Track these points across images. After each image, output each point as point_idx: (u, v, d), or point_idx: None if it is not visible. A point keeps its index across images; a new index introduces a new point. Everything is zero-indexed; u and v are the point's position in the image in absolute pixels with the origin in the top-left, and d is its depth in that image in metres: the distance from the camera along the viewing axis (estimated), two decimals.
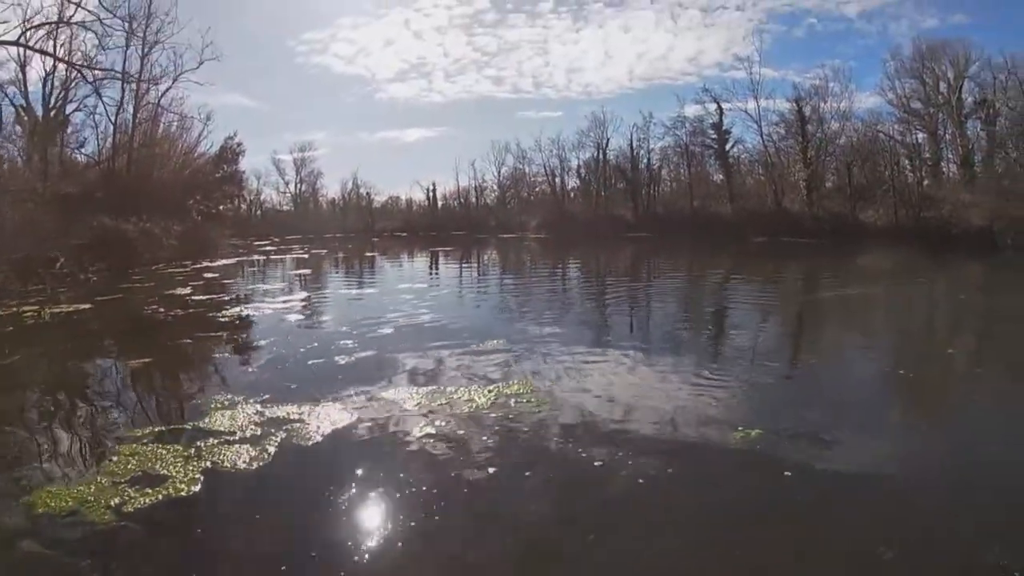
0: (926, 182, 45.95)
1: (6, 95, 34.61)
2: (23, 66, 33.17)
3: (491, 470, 5.38)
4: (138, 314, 14.07)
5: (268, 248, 46.20)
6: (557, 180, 71.88)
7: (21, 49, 31.05)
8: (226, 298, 15.88)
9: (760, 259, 32.65)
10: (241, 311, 13.56)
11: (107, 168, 35.98)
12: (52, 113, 36.20)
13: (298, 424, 6.28)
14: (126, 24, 34.11)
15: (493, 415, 6.71)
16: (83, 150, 37.58)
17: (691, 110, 59.47)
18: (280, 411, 6.64)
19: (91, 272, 24.38)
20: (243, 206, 79.86)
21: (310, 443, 5.87)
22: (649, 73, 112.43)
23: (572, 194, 71.25)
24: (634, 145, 63.60)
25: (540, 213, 66.20)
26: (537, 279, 22.85)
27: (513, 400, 7.15)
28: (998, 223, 34.53)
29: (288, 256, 39.09)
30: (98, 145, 37.91)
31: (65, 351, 10.93)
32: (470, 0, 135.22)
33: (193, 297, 16.28)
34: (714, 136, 58.13)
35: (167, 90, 38.18)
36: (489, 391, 7.44)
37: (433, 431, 6.23)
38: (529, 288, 19.64)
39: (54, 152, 34.07)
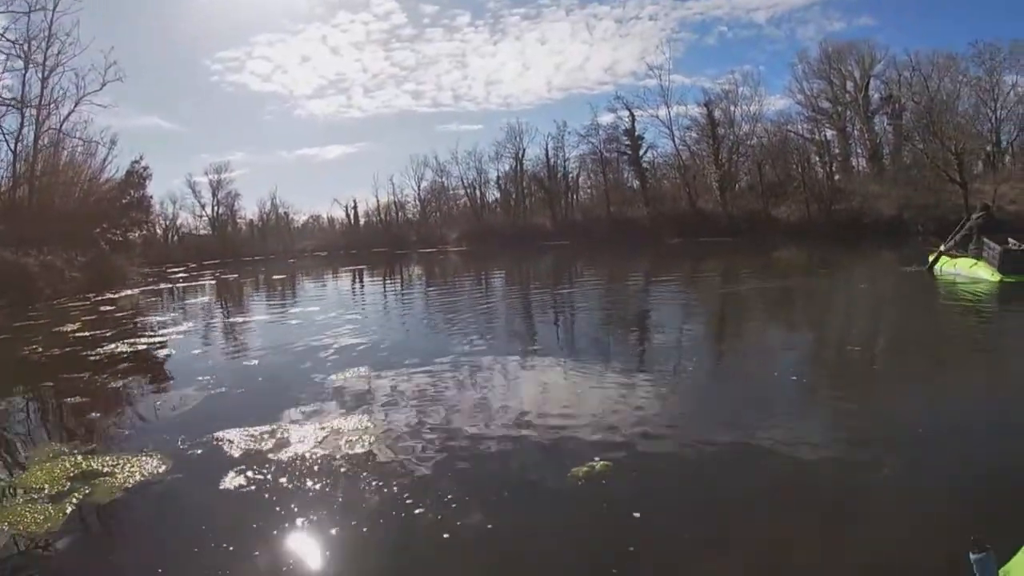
0: (837, 177, 47.91)
1: None
2: None
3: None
4: (13, 356, 13.84)
5: (180, 275, 45.17)
6: (476, 192, 72.40)
7: None
8: (109, 333, 15.60)
9: (676, 260, 33.23)
10: (117, 348, 13.50)
11: (7, 199, 34.83)
12: None
13: (105, 478, 5.84)
14: (23, 46, 33.71)
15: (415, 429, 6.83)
16: None
17: (605, 118, 60.58)
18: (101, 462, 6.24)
19: None
20: (159, 231, 78.56)
21: (108, 501, 5.41)
22: (567, 83, 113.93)
23: (493, 206, 71.86)
24: (550, 154, 64.56)
25: (459, 226, 66.55)
26: (456, 293, 22.82)
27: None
28: (908, 211, 36.30)
29: (197, 283, 38.31)
30: None
31: None
32: (387, 15, 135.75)
33: (77, 334, 16.06)
34: (627, 143, 59.34)
35: (69, 114, 37.51)
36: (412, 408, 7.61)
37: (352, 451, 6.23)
38: (449, 302, 19.68)
39: None
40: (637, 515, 4.64)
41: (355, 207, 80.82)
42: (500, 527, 4.65)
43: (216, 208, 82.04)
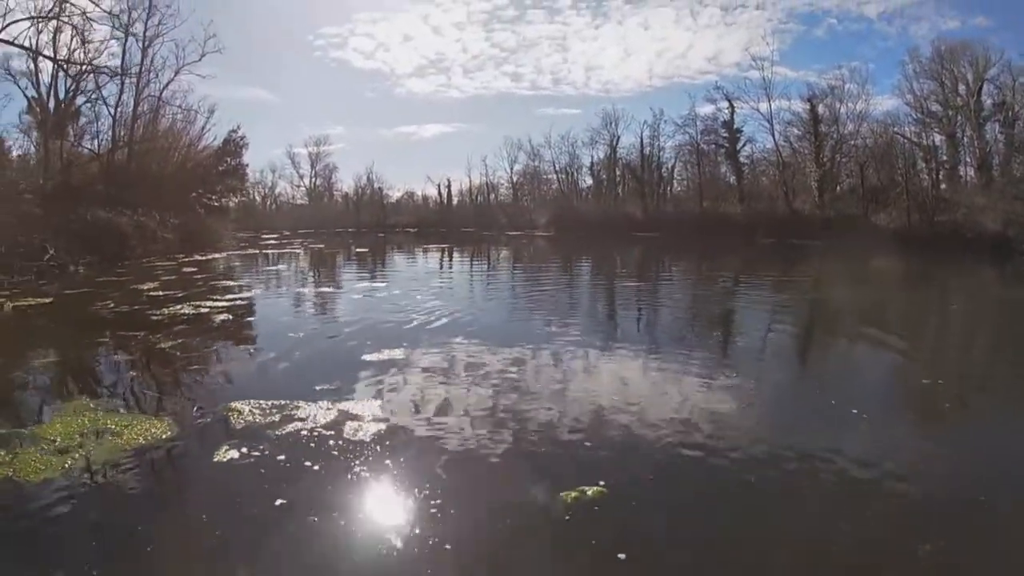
0: (943, 186, 45.16)
1: (19, 87, 35.39)
2: (35, 58, 33.60)
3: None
4: (84, 311, 14.14)
5: (271, 242, 46.36)
6: (565, 177, 71.83)
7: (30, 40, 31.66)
8: (180, 294, 15.81)
9: (768, 260, 32.00)
10: (181, 309, 13.52)
11: (107, 161, 36.23)
12: (63, 106, 36.83)
13: (113, 437, 5.94)
14: (124, 17, 34.79)
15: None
16: (88, 144, 37.74)
17: (704, 109, 58.62)
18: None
19: (81, 264, 24.67)
20: (258, 199, 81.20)
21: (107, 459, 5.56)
22: (669, 71, 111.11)
23: (585, 193, 70.99)
24: (644, 143, 63.02)
25: (549, 211, 65.77)
26: (540, 278, 22.60)
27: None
28: (1012, 228, 33.76)
29: (284, 251, 39.17)
30: (98, 139, 38.01)
31: None
32: None
33: (151, 293, 16.32)
34: (725, 135, 57.47)
35: (169, 83, 38.63)
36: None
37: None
38: (532, 286, 19.73)
39: (57, 145, 34.52)
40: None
41: (448, 186, 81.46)
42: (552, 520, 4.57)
43: (314, 179, 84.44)
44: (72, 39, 32.92)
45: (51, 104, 36.06)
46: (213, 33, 38.87)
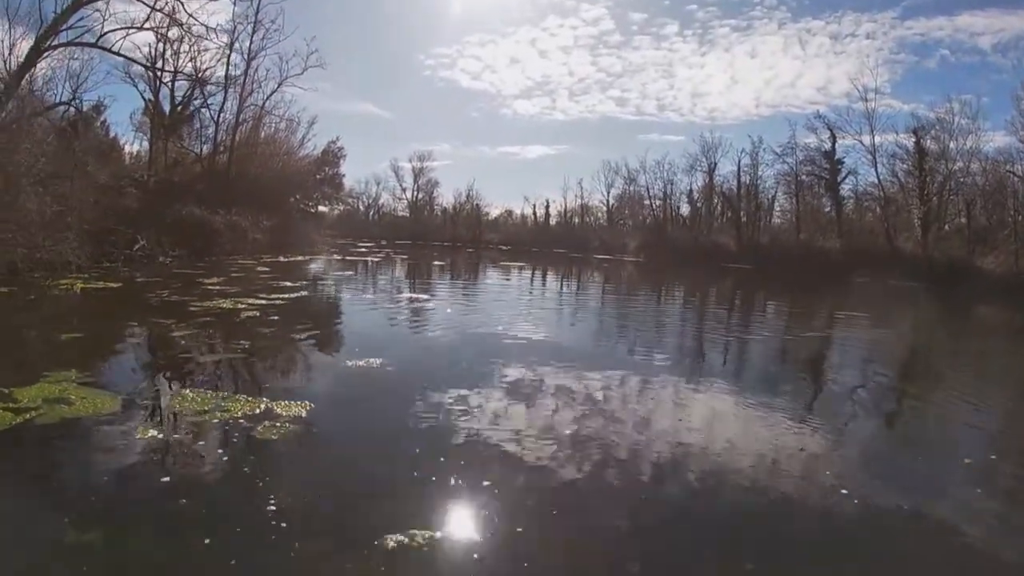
0: None
1: (138, 90, 37.93)
2: (156, 61, 35.91)
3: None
4: (139, 298, 14.96)
5: (361, 249, 47.70)
6: (662, 203, 70.70)
7: (156, 46, 34.30)
8: (234, 290, 16.46)
9: (862, 301, 29.92)
10: (222, 304, 14.05)
11: (208, 164, 38.59)
12: (178, 110, 39.30)
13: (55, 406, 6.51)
14: (230, 32, 37.08)
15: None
16: (194, 147, 40.47)
17: (806, 139, 56.24)
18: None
19: (170, 256, 26.10)
20: (361, 208, 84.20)
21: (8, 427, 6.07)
22: (776, 100, 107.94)
23: (682, 219, 69.82)
24: (741, 172, 61.41)
25: (640, 236, 65.13)
26: (625, 306, 22.17)
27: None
28: None
29: (368, 257, 40.20)
30: (202, 142, 40.81)
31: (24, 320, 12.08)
32: (595, 21, 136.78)
33: (211, 287, 17.08)
34: (826, 166, 55.34)
35: (272, 94, 41.20)
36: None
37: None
38: (614, 314, 19.67)
39: (167, 145, 36.85)
40: None
41: (547, 207, 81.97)
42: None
43: (416, 192, 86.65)
44: (185, 49, 35.26)
45: (166, 108, 38.59)
46: (315, 49, 41.52)
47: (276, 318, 12.85)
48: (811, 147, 55.81)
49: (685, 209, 70.09)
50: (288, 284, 19.55)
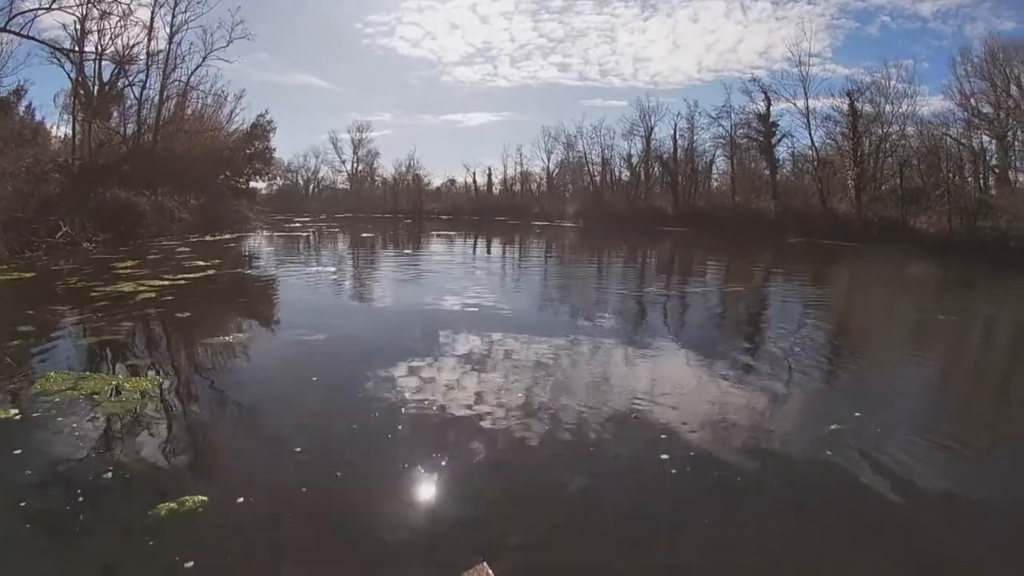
0: (993, 191, 43.55)
1: (64, 70, 36.94)
2: (80, 41, 34.82)
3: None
4: (47, 287, 14.77)
5: (296, 225, 47.32)
6: (598, 169, 70.80)
7: (77, 25, 33.63)
8: (144, 272, 16.51)
9: (789, 261, 30.57)
10: (125, 287, 14.24)
11: (132, 144, 37.36)
12: (106, 88, 38.48)
13: None
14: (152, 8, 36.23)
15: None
16: (120, 127, 39.07)
17: (741, 102, 56.70)
18: None
19: (94, 241, 25.45)
20: (300, 182, 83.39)
21: None
22: (718, 65, 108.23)
23: (622, 184, 70.19)
24: (677, 136, 61.70)
25: (579, 202, 65.52)
26: (570, 273, 22.73)
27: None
28: None
29: (301, 232, 40.09)
30: (126, 122, 39.47)
31: None
32: None
33: (123, 271, 17.09)
34: (761, 129, 56.30)
35: (196, 68, 39.67)
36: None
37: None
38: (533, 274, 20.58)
39: (87, 127, 35.97)
40: None
41: (489, 175, 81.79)
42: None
43: (355, 164, 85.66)
44: (108, 26, 34.47)
45: (96, 88, 37.78)
46: (241, 20, 40.01)
47: (170, 298, 13.09)
48: (747, 110, 56.23)
49: (625, 174, 70.80)
50: (200, 264, 19.58)
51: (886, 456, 5.82)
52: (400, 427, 6.28)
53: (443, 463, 5.43)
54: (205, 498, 4.61)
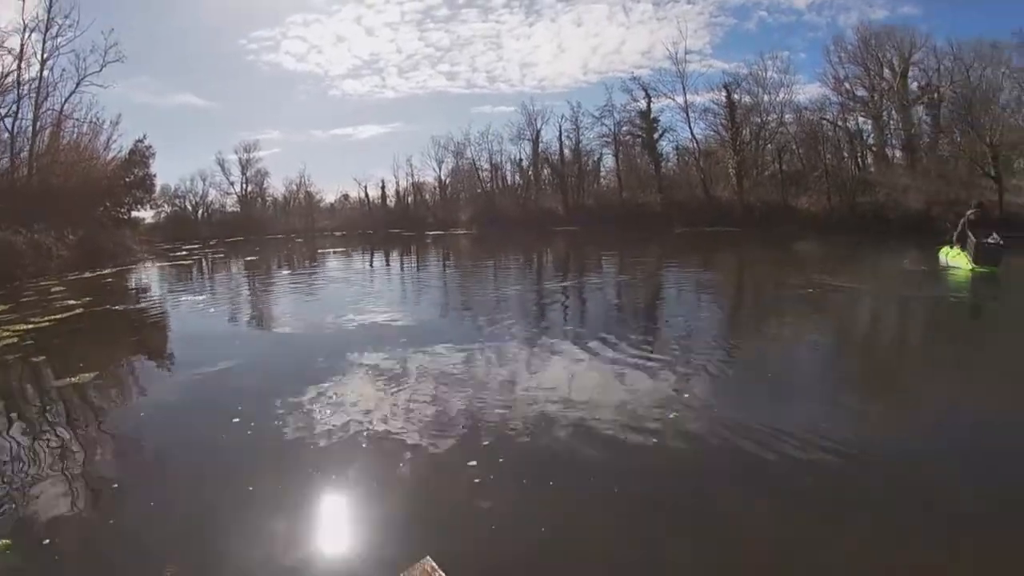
0: (872, 169, 45.86)
1: None
2: None
3: None
4: None
5: (182, 253, 46.08)
6: (487, 175, 71.49)
7: None
8: (4, 318, 16.33)
9: (671, 250, 31.40)
10: None
11: (5, 179, 35.61)
12: None
13: None
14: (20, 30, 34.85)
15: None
16: None
17: (622, 100, 58.69)
18: None
19: None
20: (189, 207, 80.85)
21: None
22: (603, 67, 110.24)
23: (513, 189, 70.97)
24: (563, 137, 63.08)
25: (471, 209, 65.72)
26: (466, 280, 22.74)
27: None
28: (936, 207, 33.53)
29: (187, 261, 38.19)
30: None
31: None
32: None
33: None
34: (643, 126, 57.79)
35: (70, 95, 38.35)
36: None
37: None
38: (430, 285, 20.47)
39: None
40: None
41: (382, 187, 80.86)
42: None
43: (245, 185, 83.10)
44: None
45: None
46: (115, 42, 39.01)
47: (31, 343, 12.97)
48: (629, 108, 58.01)
49: (516, 179, 71.77)
50: (72, 303, 19.23)
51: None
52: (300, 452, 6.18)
53: (359, 476, 5.57)
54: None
